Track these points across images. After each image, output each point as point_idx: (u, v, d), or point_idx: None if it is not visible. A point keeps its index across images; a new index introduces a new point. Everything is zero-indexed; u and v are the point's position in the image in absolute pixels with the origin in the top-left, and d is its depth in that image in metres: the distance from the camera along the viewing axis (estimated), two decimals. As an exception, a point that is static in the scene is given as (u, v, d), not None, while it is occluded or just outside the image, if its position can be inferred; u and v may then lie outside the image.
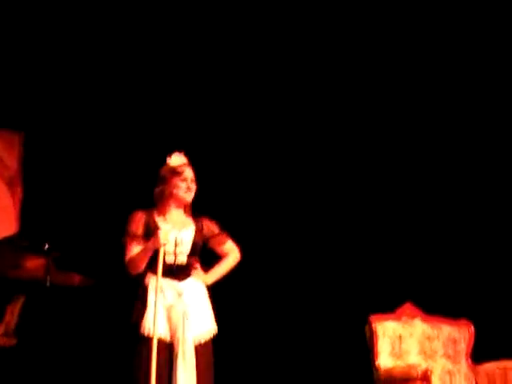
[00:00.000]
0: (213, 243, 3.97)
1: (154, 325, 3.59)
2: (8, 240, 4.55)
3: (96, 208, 6.62)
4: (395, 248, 6.22)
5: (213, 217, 4.06)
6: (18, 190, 7.01)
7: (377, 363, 5.23)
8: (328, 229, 6.47)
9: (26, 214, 6.80)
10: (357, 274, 6.28)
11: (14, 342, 3.78)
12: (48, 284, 4.20)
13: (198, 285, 3.84)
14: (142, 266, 3.73)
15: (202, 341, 3.73)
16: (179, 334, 3.64)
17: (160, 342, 3.60)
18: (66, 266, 5.07)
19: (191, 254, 3.84)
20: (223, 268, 4.00)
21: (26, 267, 4.61)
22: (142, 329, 3.63)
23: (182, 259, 3.80)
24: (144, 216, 3.83)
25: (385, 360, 5.25)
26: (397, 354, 5.33)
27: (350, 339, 5.74)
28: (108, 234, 5.10)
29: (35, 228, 6.11)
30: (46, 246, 4.32)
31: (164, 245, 3.68)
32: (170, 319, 3.68)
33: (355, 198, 6.46)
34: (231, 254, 4.02)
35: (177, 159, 3.89)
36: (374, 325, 5.33)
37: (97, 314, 5.10)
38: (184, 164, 3.89)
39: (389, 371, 5.15)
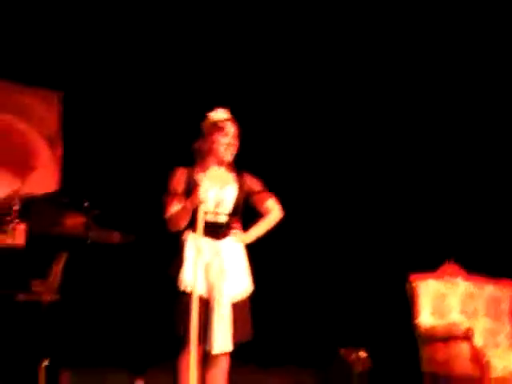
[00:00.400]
0: (254, 201, 3.87)
1: (194, 281, 3.58)
2: (48, 197, 4.56)
3: (136, 165, 6.64)
4: (439, 206, 6.14)
5: (254, 173, 4.00)
6: (59, 149, 7.06)
7: (417, 322, 5.18)
8: (370, 187, 6.41)
9: (67, 171, 6.86)
10: (400, 232, 6.23)
11: (57, 297, 3.82)
12: (89, 241, 4.20)
13: (236, 244, 3.80)
14: (183, 224, 3.67)
15: (239, 298, 3.71)
16: (216, 292, 3.63)
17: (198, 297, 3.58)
18: (105, 224, 5.10)
19: (232, 214, 3.77)
20: (263, 227, 3.91)
21: (67, 225, 4.63)
22: (179, 284, 3.63)
23: (223, 218, 3.74)
24: (185, 173, 3.75)
25: (426, 318, 5.20)
26: (438, 312, 5.27)
27: (393, 298, 5.70)
28: (148, 191, 5.12)
29: (75, 186, 6.16)
30: (86, 204, 4.31)
31: (203, 202, 3.60)
32: (207, 277, 3.66)
33: (399, 155, 6.37)
34: (272, 213, 3.91)
35: (219, 114, 3.77)
36: (414, 283, 5.27)
37: (137, 270, 5.12)
38: (227, 119, 3.77)
39: (430, 330, 5.10)
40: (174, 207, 3.69)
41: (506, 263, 5.64)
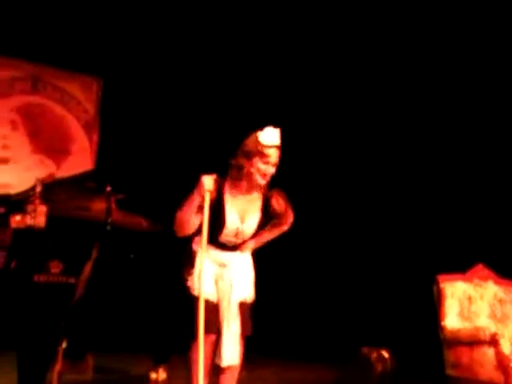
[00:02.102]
0: (277, 220, 3.75)
1: (202, 289, 3.54)
2: (75, 181, 4.59)
3: (170, 154, 6.65)
4: (473, 208, 6.03)
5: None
6: (95, 134, 7.13)
7: (443, 324, 5.07)
8: (400, 187, 6.33)
9: (102, 156, 6.93)
10: (431, 232, 6.13)
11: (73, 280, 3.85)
12: (108, 227, 4.21)
13: (244, 255, 3.77)
14: (187, 222, 3.53)
15: (242, 301, 3.70)
16: (226, 301, 3.63)
17: (208, 302, 3.56)
18: (135, 210, 5.11)
19: (250, 238, 3.73)
20: (272, 235, 3.83)
21: (94, 209, 4.65)
22: (191, 289, 3.62)
23: (239, 241, 3.70)
24: (215, 184, 3.54)
25: (452, 321, 5.08)
26: (465, 315, 5.15)
27: (421, 299, 5.61)
28: (179, 179, 5.12)
29: (108, 171, 6.20)
30: (108, 189, 4.32)
31: (209, 191, 3.48)
32: (217, 285, 3.65)
33: (431, 155, 6.28)
34: (285, 226, 3.81)
35: (269, 137, 3.50)
36: (442, 285, 5.16)
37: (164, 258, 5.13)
38: (274, 146, 3.51)
39: (455, 332, 4.98)
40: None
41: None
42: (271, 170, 3.53)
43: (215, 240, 3.64)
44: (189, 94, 6.93)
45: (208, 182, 3.48)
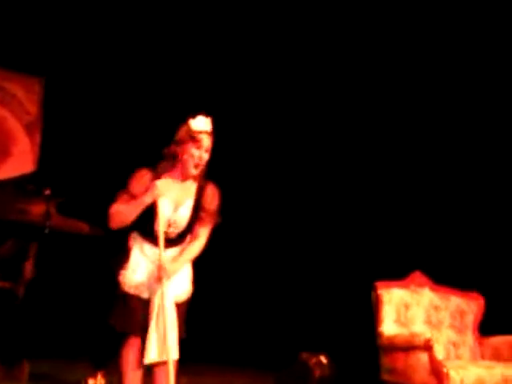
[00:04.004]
0: (198, 216, 3.69)
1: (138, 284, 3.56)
2: (15, 184, 4.52)
3: (112, 156, 6.60)
4: (410, 216, 6.13)
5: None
6: (37, 135, 7.03)
7: (380, 330, 5.14)
8: (340, 192, 6.40)
9: (43, 159, 6.84)
10: (369, 239, 6.22)
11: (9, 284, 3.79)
12: (47, 230, 4.16)
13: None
14: (129, 221, 3.54)
15: (180, 300, 3.67)
16: (159, 293, 3.57)
17: (139, 299, 3.58)
18: (75, 214, 5.06)
19: (183, 231, 3.69)
20: (186, 259, 3.70)
21: (32, 212, 4.59)
22: (123, 286, 3.61)
23: (173, 234, 3.67)
24: (150, 176, 3.59)
25: (389, 327, 5.16)
26: (402, 322, 5.23)
27: (359, 305, 5.69)
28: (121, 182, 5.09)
29: (48, 173, 6.12)
30: (47, 192, 4.28)
31: (162, 195, 3.51)
32: (150, 280, 3.61)
33: (368, 164, 6.37)
34: (198, 241, 3.71)
35: (200, 124, 3.60)
36: (379, 291, 5.23)
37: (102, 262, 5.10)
38: (205, 132, 3.60)
39: (391, 338, 5.06)
40: (122, 206, 3.56)
41: (473, 275, 5.64)
42: (204, 155, 3.60)
43: (150, 232, 3.61)
44: (131, 93, 6.88)
45: (162, 187, 3.52)
